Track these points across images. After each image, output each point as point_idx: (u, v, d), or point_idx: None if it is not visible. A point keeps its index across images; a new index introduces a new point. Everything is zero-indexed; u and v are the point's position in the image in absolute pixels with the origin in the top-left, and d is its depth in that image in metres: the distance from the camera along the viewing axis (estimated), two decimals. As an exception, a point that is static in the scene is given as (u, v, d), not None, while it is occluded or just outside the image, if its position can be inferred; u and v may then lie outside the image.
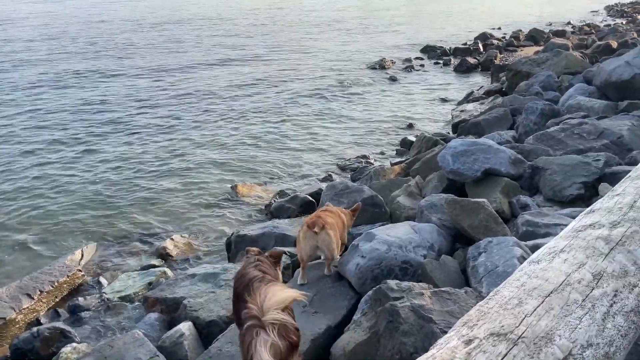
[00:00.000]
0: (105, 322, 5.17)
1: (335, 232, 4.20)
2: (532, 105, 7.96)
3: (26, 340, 4.63)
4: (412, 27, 28.97)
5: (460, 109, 12.40)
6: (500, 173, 5.47)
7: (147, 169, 9.27)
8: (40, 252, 6.63)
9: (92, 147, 10.37)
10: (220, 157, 9.86)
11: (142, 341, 3.81)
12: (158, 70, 17.46)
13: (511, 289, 1.85)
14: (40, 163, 9.52)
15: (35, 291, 5.39)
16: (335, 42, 23.62)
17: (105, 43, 22.30)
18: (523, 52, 19.46)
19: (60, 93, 14.44)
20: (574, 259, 2.00)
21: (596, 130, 6.31)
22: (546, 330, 1.62)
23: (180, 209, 7.81)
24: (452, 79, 17.16)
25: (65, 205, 7.88)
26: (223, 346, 3.61)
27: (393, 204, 5.91)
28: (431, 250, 4.27)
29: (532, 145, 6.46)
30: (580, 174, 5.26)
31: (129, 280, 5.81)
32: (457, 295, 3.21)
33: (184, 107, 13.25)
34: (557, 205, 5.08)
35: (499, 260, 3.58)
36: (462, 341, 1.57)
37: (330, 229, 4.11)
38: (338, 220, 4.40)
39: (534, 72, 11.63)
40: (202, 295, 4.62)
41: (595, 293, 1.85)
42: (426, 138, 9.15)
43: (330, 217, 4.30)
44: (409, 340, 2.90)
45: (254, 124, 11.92)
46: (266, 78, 16.47)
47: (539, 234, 4.18)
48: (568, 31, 25.01)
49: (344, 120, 12.28)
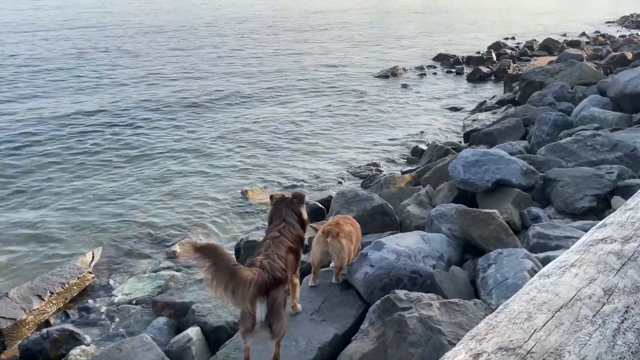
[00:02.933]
0: (114, 325, 5.20)
1: (349, 242, 4.19)
2: (545, 116, 7.92)
3: (36, 341, 4.67)
4: (425, 36, 28.98)
5: (472, 118, 12.37)
6: (511, 184, 5.43)
7: (158, 173, 9.34)
8: (51, 254, 6.69)
9: (104, 149, 10.46)
10: (231, 162, 9.90)
11: (151, 345, 3.83)
12: (169, 73, 17.61)
13: (521, 303, 1.84)
14: (51, 164, 9.61)
15: (46, 292, 5.43)
16: (347, 50, 23.68)
17: (118, 47, 22.55)
18: (537, 62, 19.38)
19: (72, 94, 14.60)
20: (584, 274, 1.99)
21: (609, 143, 6.26)
22: (555, 345, 1.60)
23: (191, 213, 7.85)
24: (465, 88, 17.12)
25: (76, 207, 7.95)
26: (230, 352, 3.62)
27: (403, 213, 5.89)
28: (440, 261, 4.25)
29: (544, 156, 6.41)
30: (592, 186, 5.21)
31: (139, 283, 5.84)
32: (466, 306, 3.19)
33: (195, 111, 13.35)
34: (568, 217, 5.04)
35: (509, 272, 3.55)
36: (470, 355, 1.56)
37: (343, 237, 4.11)
38: (356, 230, 4.41)
39: (547, 82, 11.57)
40: (210, 300, 4.63)
41: (606, 309, 1.83)
42: (437, 147, 9.12)
43: (349, 225, 4.31)
44: (417, 351, 2.89)
45: (265, 130, 11.97)
46: (276, 84, 16.54)
47: (549, 247, 4.15)
48: (582, 41, 24.88)
49: (355, 128, 12.29)
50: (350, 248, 4.22)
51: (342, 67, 19.62)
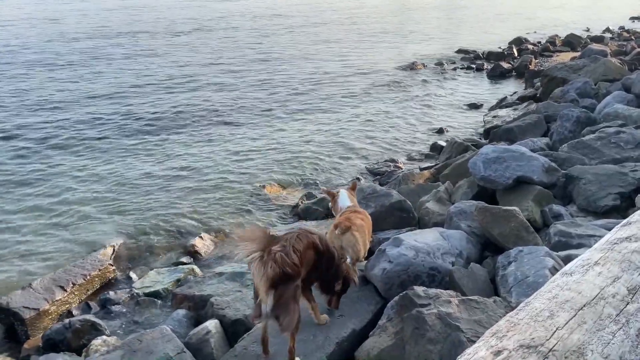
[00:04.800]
0: (135, 316, 5.28)
1: (362, 235, 4.18)
2: (567, 113, 7.79)
3: (58, 331, 4.77)
4: (445, 30, 28.70)
5: (492, 114, 12.23)
6: (532, 181, 5.37)
7: (178, 169, 9.42)
8: (73, 246, 6.81)
9: (125, 145, 10.59)
10: (250, 158, 9.95)
11: (170, 337, 3.87)
12: (187, 73, 17.74)
13: (542, 301, 1.82)
14: (74, 160, 9.77)
15: (68, 284, 5.54)
16: (364, 46, 23.57)
17: (137, 45, 22.77)
18: (559, 58, 19.06)
19: (93, 90, 14.80)
20: (608, 272, 1.96)
21: (634, 140, 6.14)
22: (578, 344, 1.58)
23: (210, 208, 7.91)
24: (485, 84, 16.93)
25: (97, 200, 8.08)
26: (248, 345, 3.65)
27: (422, 210, 5.87)
28: (459, 258, 4.22)
29: (566, 154, 6.32)
30: (616, 184, 5.12)
31: (158, 276, 5.91)
32: (486, 304, 3.17)
33: (214, 108, 13.42)
34: (591, 215, 4.96)
35: (529, 270, 3.51)
36: (491, 352, 1.55)
37: (356, 230, 4.10)
38: (367, 224, 4.39)
39: (570, 78, 11.39)
40: (228, 293, 4.67)
41: (630, 308, 1.80)
42: (457, 143, 9.05)
43: (360, 218, 4.29)
44: (435, 348, 2.88)
45: (283, 126, 12.00)
46: (295, 80, 16.55)
47: (571, 245, 4.09)
48: (606, 37, 24.36)
49: (373, 124, 12.24)
50: (366, 240, 4.21)
51: (360, 63, 19.53)
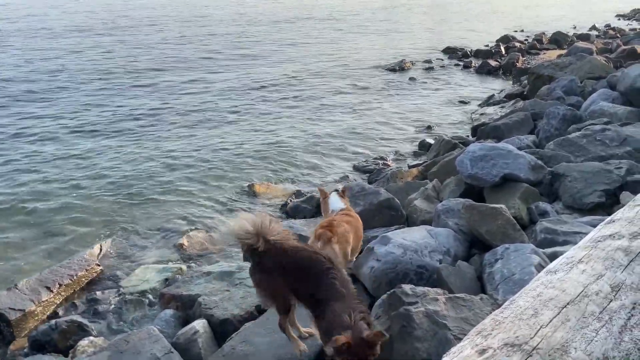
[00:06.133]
0: (122, 316, 5.24)
1: (344, 244, 4.11)
2: (553, 110, 7.85)
3: (44, 332, 4.72)
4: (433, 29, 28.79)
5: (480, 112, 12.30)
6: (519, 179, 5.41)
7: (166, 166, 9.37)
8: (59, 246, 6.74)
9: (112, 142, 10.51)
10: (238, 156, 9.91)
11: (158, 337, 3.85)
12: (178, 68, 17.63)
13: (527, 299, 1.84)
14: (60, 156, 9.67)
15: (55, 284, 5.48)
16: (353, 43, 23.58)
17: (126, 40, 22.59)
18: (546, 56, 19.21)
19: (81, 85, 14.66)
20: (592, 270, 1.98)
21: (619, 137, 6.20)
22: (562, 342, 1.60)
23: (198, 206, 7.88)
24: (473, 81, 17.01)
25: (83, 200, 8.00)
26: (236, 345, 3.64)
27: (410, 207, 5.88)
28: (447, 256, 4.24)
29: (552, 151, 6.37)
30: (601, 181, 5.18)
31: (146, 275, 5.87)
32: (472, 301, 3.19)
33: (203, 105, 13.35)
34: (576, 212, 5.01)
35: (515, 268, 3.54)
36: (476, 350, 1.56)
37: (336, 242, 4.02)
38: (354, 226, 4.35)
39: (556, 76, 11.48)
40: (217, 293, 4.65)
41: (613, 305, 1.82)
42: (445, 141, 9.09)
43: (345, 223, 4.23)
44: (422, 346, 2.89)
45: (272, 124, 11.96)
46: (283, 78, 16.51)
47: (557, 242, 4.13)
48: (592, 35, 24.59)
49: (362, 122, 12.25)
50: (347, 250, 4.15)
51: (349, 60, 19.53)
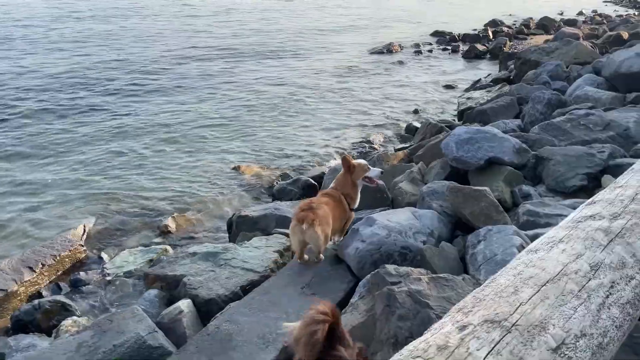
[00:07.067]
0: (106, 296, 5.23)
1: (325, 226, 4.12)
2: (539, 95, 7.89)
3: (27, 312, 4.69)
4: (422, 12, 28.66)
5: (467, 96, 12.30)
6: (503, 162, 5.44)
7: (152, 147, 9.28)
8: (43, 226, 6.67)
9: (97, 122, 10.37)
10: (224, 138, 9.85)
11: (142, 317, 3.84)
12: (165, 54, 17.39)
13: (508, 277, 1.86)
14: (45, 136, 9.53)
15: (38, 264, 5.44)
16: (342, 26, 23.40)
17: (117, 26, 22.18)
18: (533, 41, 19.26)
19: (66, 68, 14.40)
20: (572, 250, 2.00)
21: (602, 122, 6.26)
22: (540, 319, 1.62)
23: (184, 187, 7.83)
24: (460, 66, 17.02)
25: (68, 180, 7.91)
26: (221, 324, 3.64)
27: (395, 190, 5.90)
28: (431, 237, 4.27)
29: (537, 135, 6.41)
30: (584, 165, 5.23)
31: (130, 256, 5.85)
32: (455, 281, 3.22)
33: (190, 87, 13.21)
34: (559, 195, 5.06)
35: (498, 249, 3.58)
36: (456, 327, 1.58)
37: (319, 224, 4.02)
38: (336, 208, 4.34)
39: (542, 61, 11.51)
40: (202, 273, 4.65)
41: (591, 284, 1.85)
42: (431, 124, 9.11)
43: (325, 205, 4.22)
44: (405, 325, 2.92)
45: (259, 107, 11.88)
46: (270, 61, 16.37)
47: (539, 224, 4.17)
48: (579, 20, 24.70)
49: (349, 104, 12.22)
50: (328, 232, 4.17)
51: (337, 43, 19.41)
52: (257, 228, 5.76)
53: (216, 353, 3.34)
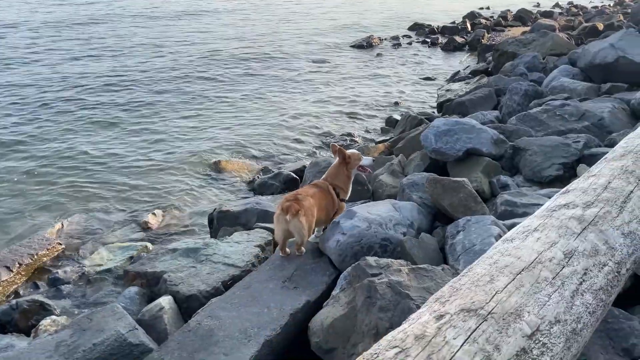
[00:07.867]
0: (85, 295, 5.16)
1: (310, 217, 4.11)
2: (516, 86, 7.99)
3: (5, 312, 4.61)
4: (401, 5, 28.72)
5: (446, 88, 12.40)
6: (482, 153, 5.50)
7: (130, 143, 9.17)
8: (19, 225, 6.56)
9: (75, 117, 10.20)
10: (204, 133, 9.77)
11: (121, 314, 3.81)
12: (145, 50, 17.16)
13: (484, 266, 1.89)
14: (21, 135, 9.35)
15: (14, 264, 5.35)
16: (320, 18, 23.34)
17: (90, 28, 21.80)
18: (510, 33, 19.44)
19: (50, 69, 14.13)
20: (546, 238, 2.04)
21: (578, 112, 6.36)
22: (515, 306, 1.65)
23: (163, 183, 7.76)
24: (439, 58, 17.12)
25: (45, 177, 7.78)
26: (202, 320, 3.63)
27: (375, 182, 5.93)
28: (411, 228, 4.30)
29: (514, 126, 6.49)
30: (560, 155, 5.31)
31: (110, 253, 5.78)
32: (434, 272, 3.25)
33: (168, 84, 13.06)
34: (536, 185, 5.14)
35: (476, 239, 3.62)
36: (434, 316, 1.60)
37: (303, 215, 4.01)
38: (322, 199, 4.34)
39: (520, 52, 11.64)
40: (182, 269, 4.62)
41: (565, 271, 1.88)
42: (411, 117, 9.16)
43: (311, 197, 4.21)
44: (386, 316, 2.94)
45: (238, 101, 11.81)
46: (249, 56, 16.27)
47: (516, 214, 4.23)
48: (555, 12, 25.00)
49: (329, 98, 12.22)
50: (312, 223, 4.16)
51: (316, 36, 19.36)
52: (238, 223, 5.74)
53: (197, 349, 3.33)
